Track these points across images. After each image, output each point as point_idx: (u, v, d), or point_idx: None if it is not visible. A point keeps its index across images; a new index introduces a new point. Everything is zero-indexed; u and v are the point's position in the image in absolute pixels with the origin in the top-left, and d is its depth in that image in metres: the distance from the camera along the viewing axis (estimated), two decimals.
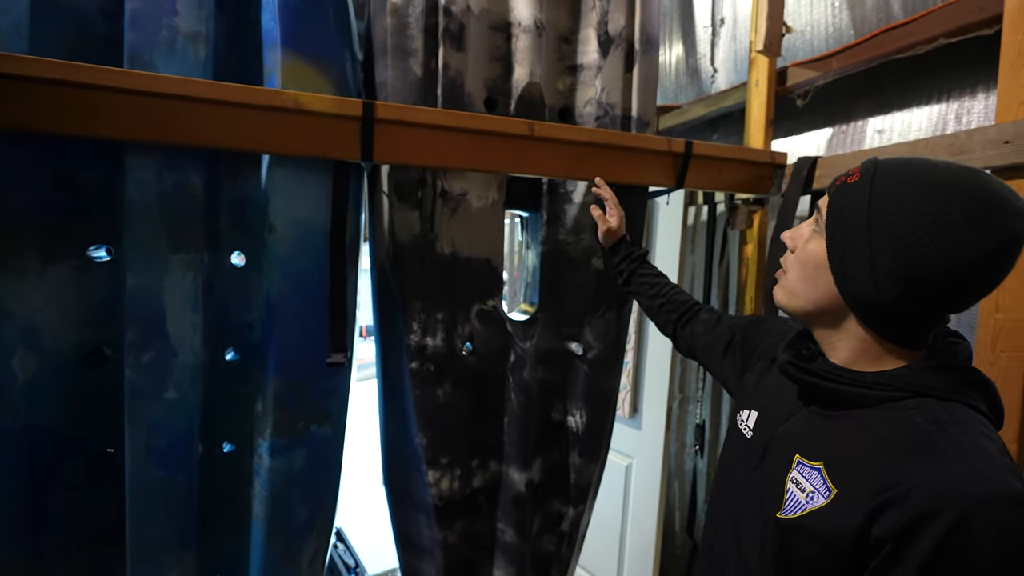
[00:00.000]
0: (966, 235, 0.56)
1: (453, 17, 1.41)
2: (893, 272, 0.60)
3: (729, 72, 2.39)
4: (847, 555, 0.60)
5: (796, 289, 0.72)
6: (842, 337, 0.69)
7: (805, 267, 0.70)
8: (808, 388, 0.71)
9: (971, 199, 0.57)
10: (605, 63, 1.60)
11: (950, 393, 0.62)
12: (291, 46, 1.28)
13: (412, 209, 1.42)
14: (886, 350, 0.66)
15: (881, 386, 0.64)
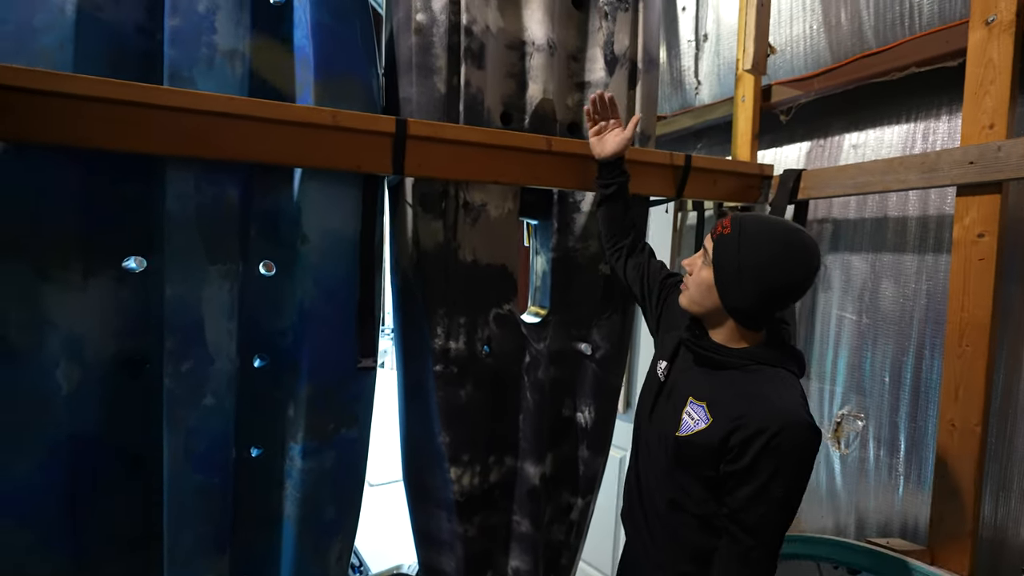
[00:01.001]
0: (793, 269, 1.01)
1: (474, 37, 1.49)
2: (752, 292, 1.03)
3: (713, 85, 2.53)
4: (714, 455, 1.04)
5: (695, 299, 1.14)
6: (721, 328, 1.12)
7: (700, 287, 1.11)
8: (700, 356, 1.13)
9: (795, 248, 1.01)
10: (611, 81, 1.70)
11: (776, 361, 1.07)
12: (323, 63, 1.33)
13: (436, 219, 1.49)
14: (744, 335, 1.10)
15: (742, 357, 1.08)
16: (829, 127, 2.02)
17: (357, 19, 1.39)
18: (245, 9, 1.27)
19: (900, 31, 1.79)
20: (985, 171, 1.34)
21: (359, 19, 1.40)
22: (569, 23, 1.69)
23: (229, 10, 1.24)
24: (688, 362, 1.17)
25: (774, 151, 2.24)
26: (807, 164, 2.09)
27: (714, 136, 2.57)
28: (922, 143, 1.74)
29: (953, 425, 1.44)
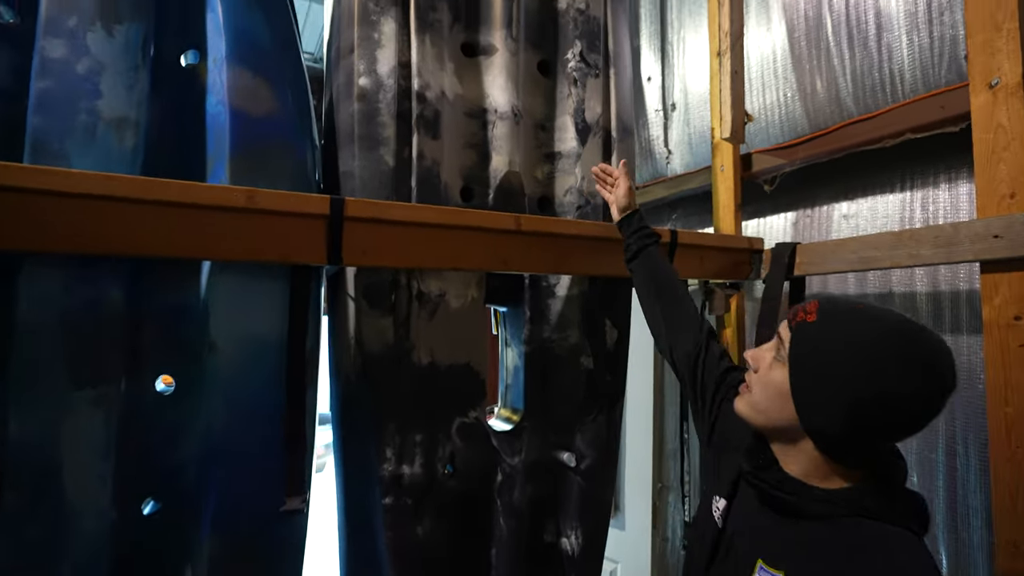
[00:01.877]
0: (908, 387, 0.68)
1: (428, 103, 1.29)
2: (844, 411, 0.70)
3: (684, 154, 2.43)
4: None
5: (760, 407, 0.81)
6: (796, 454, 0.78)
7: (768, 391, 0.79)
8: (767, 496, 0.79)
9: (916, 352, 0.69)
10: (584, 151, 1.53)
11: (886, 516, 0.71)
12: (241, 133, 1.10)
13: (384, 315, 1.23)
14: (834, 470, 0.75)
15: (829, 503, 0.73)
16: (816, 196, 1.89)
17: (287, 82, 1.18)
18: (142, 70, 1.04)
19: (882, 98, 1.70)
20: (1015, 245, 1.18)
21: (289, 81, 1.19)
22: (535, 90, 1.53)
23: (120, 71, 1.01)
24: (752, 501, 0.84)
25: (757, 222, 2.10)
26: (795, 235, 1.95)
27: (689, 207, 2.44)
28: (922, 213, 1.60)
29: (1016, 547, 1.19)
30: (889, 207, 1.68)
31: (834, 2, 1.82)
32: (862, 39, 1.74)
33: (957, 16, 1.51)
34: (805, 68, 1.91)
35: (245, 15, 1.13)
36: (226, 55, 1.09)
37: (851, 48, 1.77)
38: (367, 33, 1.25)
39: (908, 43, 1.63)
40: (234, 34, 1.10)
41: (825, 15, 1.85)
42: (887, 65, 1.68)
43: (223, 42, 1.10)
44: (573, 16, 1.55)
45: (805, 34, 1.92)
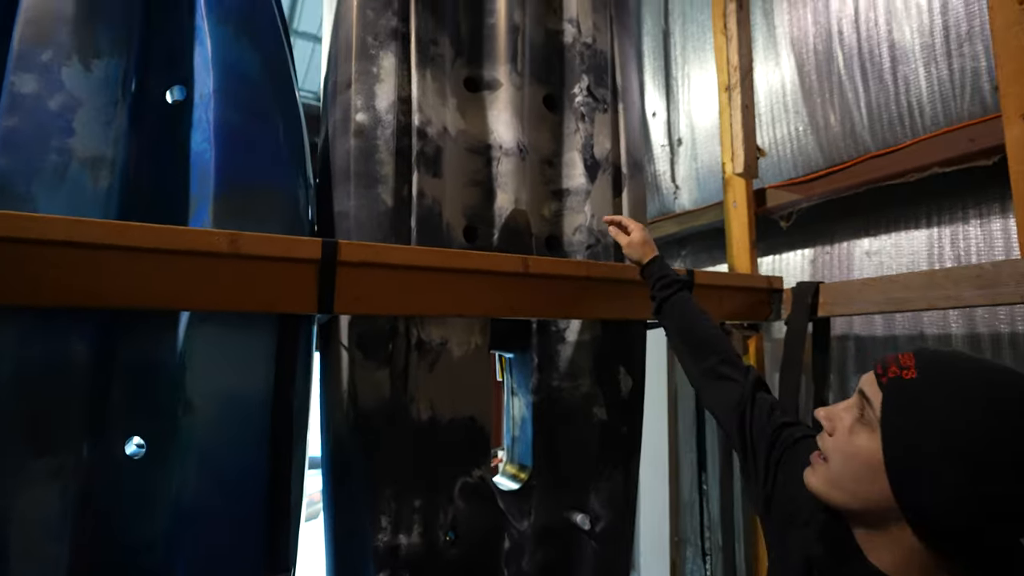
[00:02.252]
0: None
1: (429, 140, 1.22)
2: (963, 488, 0.56)
3: (692, 190, 2.37)
4: None
5: (841, 483, 0.66)
6: (888, 542, 0.63)
7: (852, 463, 0.65)
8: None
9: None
10: (593, 188, 1.45)
11: None
12: (228, 173, 1.01)
13: (381, 367, 1.12)
14: (940, 565, 0.60)
15: None
16: (834, 232, 1.81)
17: (279, 117, 1.11)
18: (121, 106, 0.96)
19: (901, 131, 1.64)
20: None
21: (282, 117, 1.11)
22: (541, 125, 1.46)
23: (97, 107, 0.93)
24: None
25: (772, 259, 2.01)
26: (814, 273, 1.86)
27: (699, 243, 2.36)
28: (952, 250, 1.51)
29: None
30: (915, 243, 1.60)
31: (845, 35, 1.78)
32: (876, 72, 1.69)
33: (978, 48, 1.46)
34: (816, 102, 1.86)
35: (235, 48, 1.06)
36: (214, 90, 1.02)
37: (865, 81, 1.72)
38: (365, 67, 1.19)
39: (926, 76, 1.57)
40: (223, 68, 1.04)
41: (836, 49, 1.81)
42: (904, 98, 1.63)
43: (211, 77, 1.03)
44: (580, 50, 1.49)
45: (815, 68, 1.88)
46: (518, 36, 1.40)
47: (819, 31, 1.86)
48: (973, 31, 1.47)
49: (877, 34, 1.69)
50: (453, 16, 1.35)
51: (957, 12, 1.51)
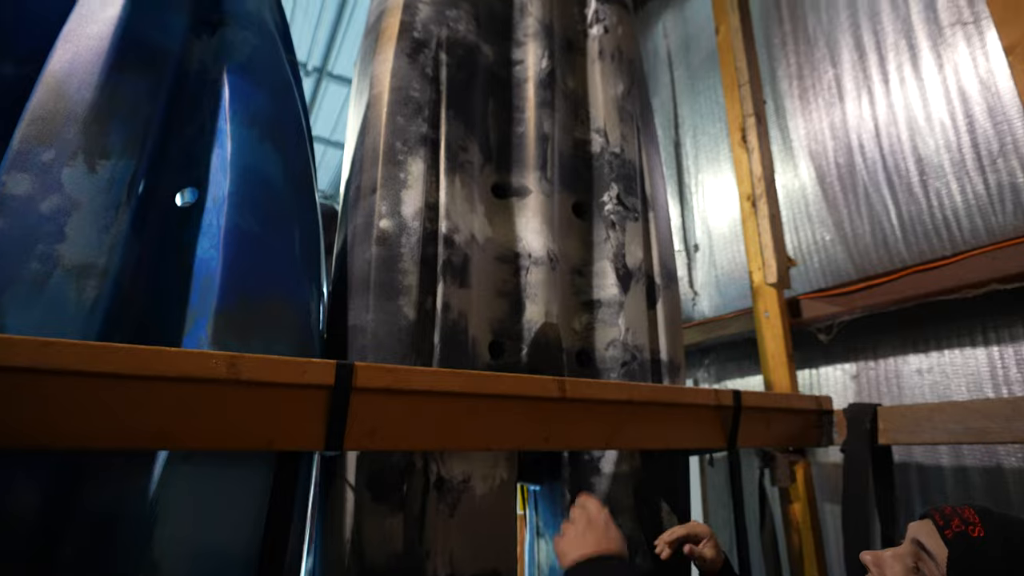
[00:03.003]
0: None
1: (456, 248, 1.12)
2: None
3: (712, 296, 2.28)
4: None
5: None
6: None
7: None
8: None
9: None
10: (627, 299, 1.34)
11: None
12: (236, 283, 0.90)
13: (393, 512, 0.94)
14: None
15: None
16: (877, 345, 1.69)
17: (296, 224, 1.02)
18: (124, 209, 0.86)
19: (938, 244, 1.58)
20: None
21: (299, 224, 1.02)
22: (570, 233, 1.39)
23: (96, 210, 0.83)
24: None
25: (808, 373, 1.88)
26: (859, 391, 1.71)
27: (724, 353, 2.24)
28: (1017, 370, 1.39)
29: None
30: (973, 362, 1.47)
31: (867, 149, 1.78)
32: (905, 185, 1.66)
33: (1013, 164, 1.43)
34: (843, 212, 1.82)
35: (257, 151, 0.99)
36: (229, 193, 0.93)
37: (894, 193, 1.69)
38: (392, 173, 1.12)
39: (960, 190, 1.54)
40: (242, 171, 0.96)
41: (858, 161, 1.81)
42: (939, 212, 1.58)
43: (227, 179, 0.94)
44: (608, 159, 1.46)
45: (838, 179, 1.86)
46: (547, 144, 1.36)
47: (838, 145, 1.87)
48: (1006, 148, 1.45)
49: (901, 148, 1.69)
50: (482, 124, 1.32)
51: (985, 130, 1.50)
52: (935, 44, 1.64)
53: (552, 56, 1.45)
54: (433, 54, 1.26)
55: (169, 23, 1.00)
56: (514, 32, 1.49)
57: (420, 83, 1.22)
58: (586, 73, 1.57)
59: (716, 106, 2.39)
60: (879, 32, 1.79)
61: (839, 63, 1.90)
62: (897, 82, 1.72)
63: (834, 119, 1.89)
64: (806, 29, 2.02)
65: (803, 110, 2.00)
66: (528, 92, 1.41)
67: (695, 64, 2.56)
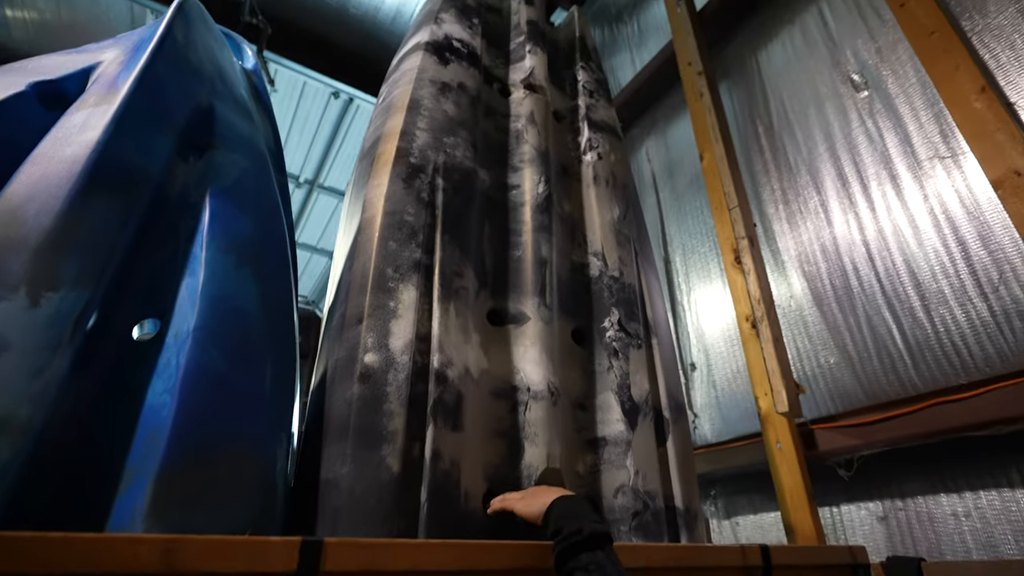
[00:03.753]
0: None
1: (449, 385, 1.01)
2: None
3: (714, 419, 2.15)
4: None
5: None
6: None
7: None
8: None
9: None
10: (635, 436, 1.21)
11: None
12: (189, 436, 0.76)
13: None
14: None
15: None
16: (903, 483, 1.56)
17: (269, 358, 0.90)
18: (64, 349, 0.74)
19: (951, 371, 1.50)
20: None
21: (273, 358, 0.90)
22: (571, 361, 1.28)
23: (27, 352, 0.71)
24: None
25: (828, 512, 1.71)
26: (889, 537, 1.54)
27: (732, 484, 2.06)
28: None
29: None
30: (1014, 507, 1.34)
31: (861, 272, 1.77)
32: (907, 310, 1.63)
33: (1017, 292, 1.41)
34: (845, 335, 1.77)
35: (232, 280, 0.90)
36: (195, 327, 0.82)
37: (896, 317, 1.65)
38: (382, 301, 1.04)
39: (966, 316, 1.50)
40: (212, 301, 0.86)
41: (853, 284, 1.79)
42: (946, 338, 1.53)
43: (195, 311, 0.84)
44: (607, 283, 1.40)
45: (835, 300, 1.83)
46: (546, 269, 1.31)
47: (832, 267, 1.86)
48: (1006, 276, 1.43)
49: (897, 273, 1.68)
50: (478, 248, 1.26)
51: (980, 258, 1.50)
52: (916, 175, 1.69)
53: (549, 181, 1.45)
54: (429, 179, 1.23)
55: (153, 145, 0.95)
56: (510, 158, 1.49)
57: (415, 207, 1.17)
58: (582, 197, 1.57)
59: (704, 226, 2.43)
60: (859, 163, 1.86)
61: (823, 189, 1.95)
62: (884, 209, 1.76)
63: (825, 241, 1.90)
64: (786, 158, 2.11)
65: (792, 232, 2.02)
66: (525, 216, 1.38)
67: (680, 187, 2.64)
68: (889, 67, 1.82)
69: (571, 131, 1.72)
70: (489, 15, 1.84)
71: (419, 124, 1.32)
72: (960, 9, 1.65)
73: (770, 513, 1.89)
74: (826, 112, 1.99)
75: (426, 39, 1.53)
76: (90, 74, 1.02)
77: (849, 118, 1.90)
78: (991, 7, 1.58)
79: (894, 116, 1.77)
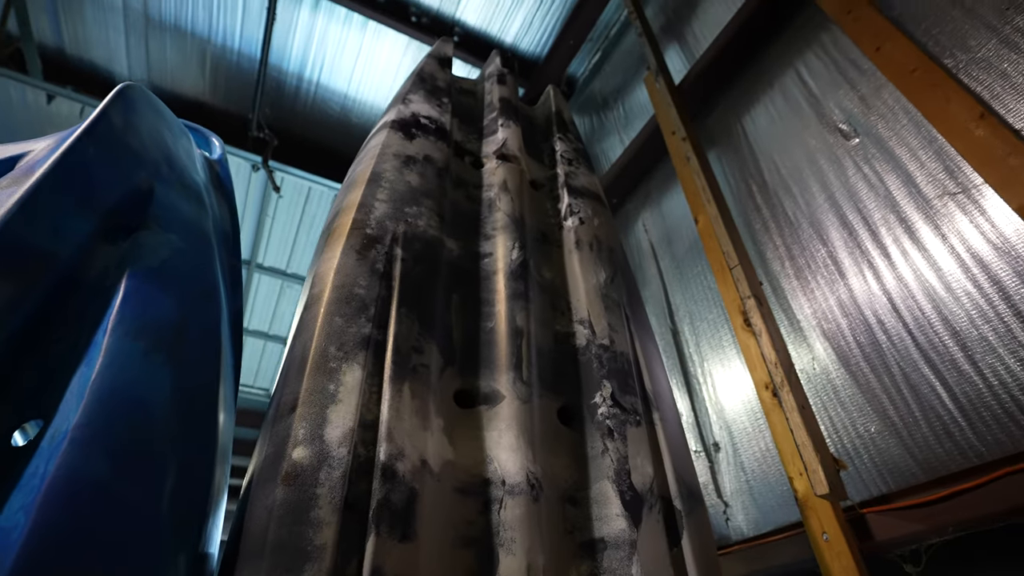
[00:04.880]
0: None
1: (399, 482, 0.83)
2: None
3: (748, 507, 1.87)
4: None
5: None
6: None
7: None
8: None
9: None
10: (639, 535, 0.99)
11: None
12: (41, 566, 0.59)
13: None
14: None
15: None
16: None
17: (173, 463, 0.74)
18: None
19: (1015, 428, 1.27)
20: None
21: (179, 463, 0.75)
22: (558, 447, 1.10)
23: None
24: None
25: None
26: None
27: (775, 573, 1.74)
28: None
29: None
30: None
31: (887, 324, 1.58)
32: (949, 362, 1.42)
33: None
34: (883, 398, 1.55)
35: (136, 368, 0.77)
36: (74, 425, 0.68)
37: (937, 372, 1.44)
38: (319, 384, 0.89)
39: (1020, 364, 1.29)
40: (103, 394, 0.72)
41: (880, 339, 1.60)
42: (1002, 391, 1.31)
43: (79, 407, 0.70)
44: (596, 353, 1.24)
45: (863, 359, 1.63)
46: (522, 340, 1.16)
47: (853, 323, 1.68)
48: None
49: (928, 321, 1.49)
50: (443, 321, 1.13)
51: (1020, 294, 1.32)
52: (928, 216, 1.56)
53: (524, 246, 1.34)
54: (387, 249, 1.13)
55: (65, 227, 0.87)
56: (482, 227, 1.40)
57: (368, 279, 1.06)
58: (563, 263, 1.45)
59: (709, 291, 2.29)
60: (863, 210, 1.74)
61: (829, 240, 1.82)
62: (899, 254, 1.60)
63: (840, 296, 1.74)
64: (785, 213, 2.00)
65: (803, 289, 1.87)
66: (498, 284, 1.26)
67: (679, 254, 2.54)
68: (876, 113, 1.76)
69: (550, 199, 1.64)
70: (462, 96, 1.85)
71: (379, 196, 1.25)
72: (939, 49, 1.60)
73: None
74: (819, 164, 1.91)
75: (392, 118, 1.51)
76: (17, 162, 0.97)
77: (844, 166, 1.81)
78: (972, 42, 1.53)
79: (891, 159, 1.67)
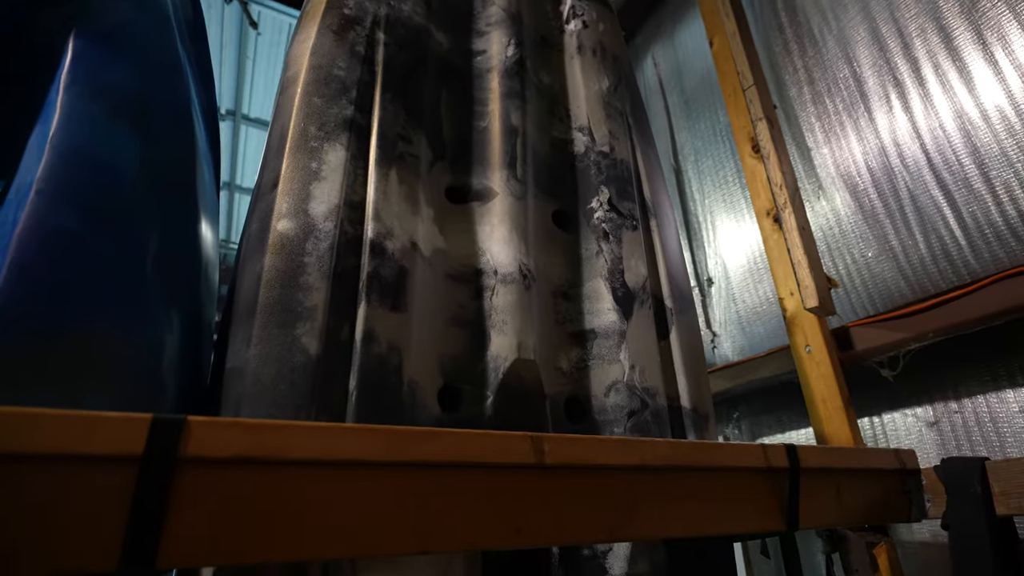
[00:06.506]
0: None
1: (388, 258, 0.82)
2: None
3: (735, 336, 1.94)
4: None
5: None
6: None
7: None
8: None
9: None
10: (629, 326, 1.01)
11: None
12: (19, 301, 0.59)
13: None
14: None
15: None
16: (958, 382, 1.33)
17: (153, 232, 0.72)
18: None
19: (1017, 246, 1.26)
20: None
21: (160, 233, 0.73)
22: (552, 247, 1.08)
23: None
24: None
25: (867, 422, 1.50)
26: (942, 443, 1.33)
27: (756, 403, 1.87)
28: None
29: None
30: None
31: (904, 146, 1.50)
32: (961, 180, 1.37)
33: None
34: (886, 224, 1.52)
35: (98, 130, 0.72)
36: (38, 178, 0.64)
37: (946, 192, 1.39)
38: (301, 162, 0.84)
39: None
40: (65, 152, 0.67)
41: (894, 163, 1.52)
42: (1011, 207, 1.28)
43: (41, 162, 0.66)
44: (595, 160, 1.18)
45: (872, 183, 1.57)
46: (516, 139, 1.09)
47: (866, 148, 1.60)
48: None
49: (946, 139, 1.41)
50: (432, 116, 1.06)
51: None
52: (972, 22, 1.40)
53: (520, 44, 1.22)
54: (367, 31, 1.02)
55: None
56: (475, 22, 1.26)
57: (347, 61, 0.96)
58: (564, 69, 1.33)
59: (717, 124, 2.16)
60: (899, 19, 1.56)
61: (855, 59, 1.66)
62: (930, 69, 1.47)
63: (859, 121, 1.63)
64: (811, 31, 1.81)
65: (819, 116, 1.75)
66: (492, 83, 1.16)
67: (689, 88, 2.36)
68: None
69: (551, 0, 1.47)
70: None
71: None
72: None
73: (802, 429, 1.69)
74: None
75: None
76: None
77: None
78: None
79: None
